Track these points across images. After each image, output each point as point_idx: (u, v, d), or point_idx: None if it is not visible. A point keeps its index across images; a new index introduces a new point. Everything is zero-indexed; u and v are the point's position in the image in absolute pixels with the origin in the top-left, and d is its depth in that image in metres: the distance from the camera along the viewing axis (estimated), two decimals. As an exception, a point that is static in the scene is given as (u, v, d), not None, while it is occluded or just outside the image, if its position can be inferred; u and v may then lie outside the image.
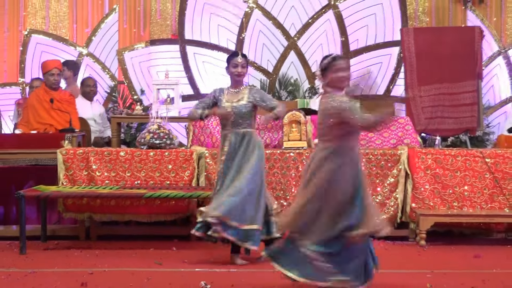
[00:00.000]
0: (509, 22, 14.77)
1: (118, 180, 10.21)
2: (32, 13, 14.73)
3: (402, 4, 14.02)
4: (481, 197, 10.34)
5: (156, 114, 10.95)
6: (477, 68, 12.83)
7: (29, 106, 11.67)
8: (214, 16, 14.05)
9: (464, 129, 12.70)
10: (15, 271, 8.26)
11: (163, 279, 7.85)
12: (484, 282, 7.70)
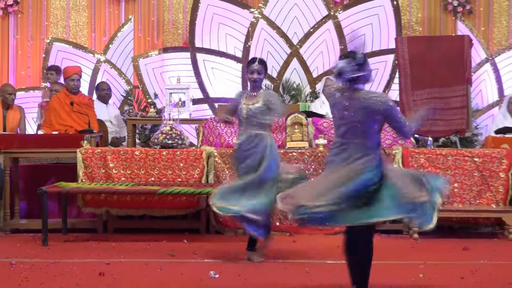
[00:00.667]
0: (495, 32, 14.75)
1: (133, 177, 10.22)
2: (54, 23, 14.74)
3: (396, 14, 14.00)
4: (470, 193, 10.33)
5: (169, 116, 10.94)
6: (466, 74, 12.79)
7: (51, 109, 11.68)
8: (222, 26, 14.04)
9: (454, 131, 12.66)
10: (38, 261, 8.27)
11: (175, 269, 7.85)
12: (472, 273, 7.69)
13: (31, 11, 14.71)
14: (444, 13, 14.73)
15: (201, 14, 13.96)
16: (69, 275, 7.52)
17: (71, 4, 14.74)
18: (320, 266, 8.03)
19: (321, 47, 14.13)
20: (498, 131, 11.92)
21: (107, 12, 14.76)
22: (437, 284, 7.23)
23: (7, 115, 12.16)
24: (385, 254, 8.83)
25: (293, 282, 7.07)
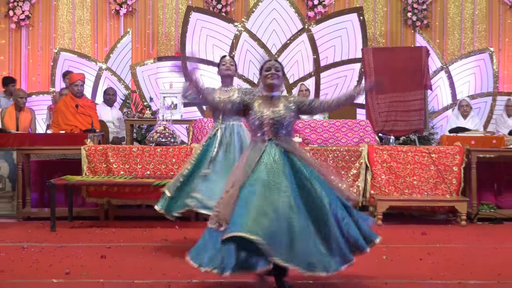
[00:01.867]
0: (449, 43, 14.80)
1: (131, 171, 10.19)
2: (61, 35, 14.70)
3: (362, 28, 14.00)
4: (427, 185, 10.34)
5: (162, 117, 10.94)
6: (424, 80, 12.83)
7: (58, 111, 11.68)
8: (210, 38, 14.01)
9: (414, 130, 12.71)
10: (47, 245, 8.24)
11: (168, 252, 7.83)
12: (429, 254, 7.71)
13: (41, 24, 14.67)
14: (405, 27, 14.77)
15: (191, 28, 13.92)
16: (75, 258, 7.50)
17: (76, 18, 14.70)
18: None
19: (296, 57, 14.13)
20: (452, 130, 11.94)
21: (108, 25, 14.73)
22: (398, 264, 7.23)
23: (20, 116, 12.14)
24: (353, 238, 8.84)
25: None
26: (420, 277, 6.60)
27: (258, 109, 5.92)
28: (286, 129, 5.94)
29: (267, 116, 5.86)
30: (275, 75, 6.12)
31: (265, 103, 5.97)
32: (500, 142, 11.00)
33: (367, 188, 10.31)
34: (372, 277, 6.58)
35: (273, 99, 6.03)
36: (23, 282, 6.30)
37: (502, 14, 14.80)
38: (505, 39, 14.76)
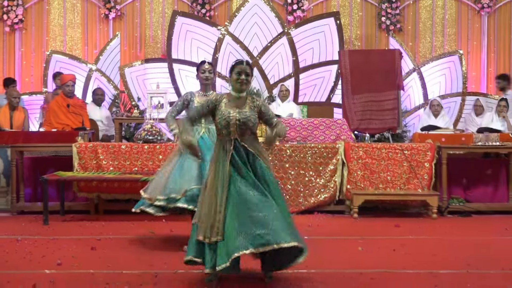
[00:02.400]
0: (421, 46, 14.86)
1: (120, 167, 10.17)
2: (53, 37, 14.65)
3: (339, 32, 14.02)
4: (400, 180, 10.38)
5: (150, 116, 10.91)
6: (397, 81, 12.85)
7: (50, 110, 11.67)
8: (194, 41, 13.98)
9: (387, 128, 12.73)
10: (40, 238, 8.22)
11: (155, 244, 7.84)
12: (402, 245, 7.74)
13: (34, 28, 14.61)
14: (379, 31, 14.81)
15: (176, 31, 13.89)
16: (66, 249, 7.48)
17: (67, 22, 14.66)
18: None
19: (276, 59, 14.13)
20: (423, 128, 11.98)
21: (98, 29, 14.69)
22: (373, 255, 7.26)
23: (13, 115, 12.10)
24: (330, 230, 8.88)
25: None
26: (394, 267, 6.63)
27: (225, 109, 5.87)
28: (251, 129, 5.94)
29: (234, 116, 5.83)
30: (244, 80, 5.95)
31: (232, 104, 5.91)
32: (469, 139, 11.05)
33: (344, 183, 10.34)
34: (348, 268, 6.59)
35: (240, 99, 5.96)
36: (17, 273, 6.28)
37: (470, 19, 14.86)
38: (473, 42, 14.82)
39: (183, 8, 14.58)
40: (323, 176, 10.37)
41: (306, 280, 5.98)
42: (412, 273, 6.37)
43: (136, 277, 6.12)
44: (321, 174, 10.37)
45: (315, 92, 14.15)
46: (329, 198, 10.40)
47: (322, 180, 10.37)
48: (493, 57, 14.82)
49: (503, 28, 14.83)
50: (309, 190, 10.37)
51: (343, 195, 10.40)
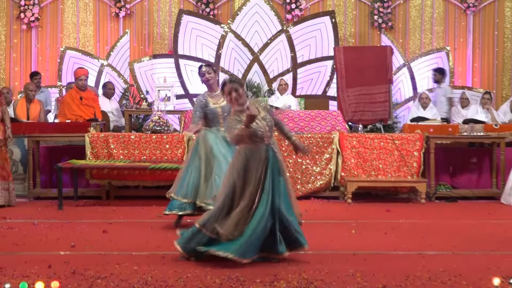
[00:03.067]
0: (411, 43, 14.83)
1: (130, 156, 10.17)
2: (67, 35, 14.63)
3: (334, 29, 13.98)
4: (391, 168, 10.37)
5: (157, 108, 10.91)
6: (388, 76, 12.85)
7: (64, 102, 11.68)
8: (199, 38, 13.96)
9: (379, 119, 12.73)
10: (55, 221, 8.22)
11: (162, 228, 7.84)
12: (393, 229, 7.75)
13: (49, 25, 14.59)
14: (371, 28, 14.77)
15: (182, 29, 13.87)
16: (79, 233, 7.49)
17: (80, 20, 14.63)
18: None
19: (276, 55, 14.10)
20: (413, 119, 11.98)
21: (109, 27, 14.67)
22: (366, 238, 7.26)
23: (30, 107, 12.09)
24: (326, 215, 8.88)
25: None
26: (385, 249, 6.64)
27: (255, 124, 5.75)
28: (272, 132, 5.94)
29: (262, 124, 5.79)
30: (235, 99, 5.89)
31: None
32: (455, 130, 11.06)
33: (338, 171, 10.34)
34: (343, 249, 6.60)
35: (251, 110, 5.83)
36: (34, 254, 6.28)
37: (457, 17, 14.83)
38: (460, 39, 14.80)
39: (189, 7, 14.54)
40: (319, 164, 10.37)
41: (304, 261, 5.98)
42: (402, 254, 6.38)
43: (144, 258, 6.12)
44: (317, 162, 10.37)
45: (311, 86, 14.13)
46: (324, 185, 10.40)
47: (318, 168, 10.37)
48: (478, 53, 14.79)
49: (487, 26, 14.80)
50: (306, 177, 10.37)
51: (337, 182, 10.40)
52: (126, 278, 5.30)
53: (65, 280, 5.16)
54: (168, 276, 5.38)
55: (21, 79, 14.27)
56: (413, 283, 5.18)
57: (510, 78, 14.81)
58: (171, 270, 5.57)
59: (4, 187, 9.62)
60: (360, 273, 5.50)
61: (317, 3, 14.80)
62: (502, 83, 14.79)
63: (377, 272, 5.53)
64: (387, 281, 5.24)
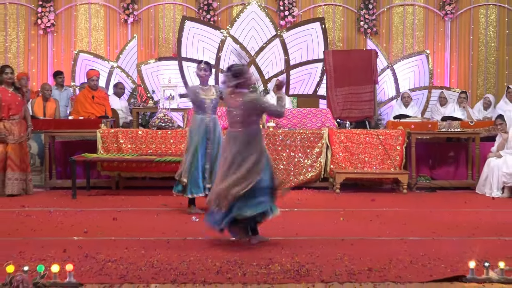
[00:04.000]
0: (394, 47, 14.82)
1: (137, 150, 10.17)
2: (79, 39, 14.58)
3: (324, 34, 13.96)
4: (375, 161, 10.39)
5: (162, 106, 10.91)
6: (373, 77, 12.84)
7: (78, 101, 11.67)
8: (201, 42, 13.92)
9: (365, 117, 12.71)
10: (69, 210, 8.23)
11: (167, 215, 7.86)
12: (377, 216, 7.77)
13: (64, 31, 14.54)
14: (358, 34, 14.75)
15: (185, 34, 13.84)
16: (91, 220, 7.49)
17: (92, 26, 14.59)
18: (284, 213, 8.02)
19: (271, 57, 14.07)
20: (395, 117, 11.98)
21: (118, 32, 14.63)
22: (353, 224, 7.27)
23: (46, 105, 12.05)
24: (316, 204, 8.88)
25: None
26: (370, 235, 6.64)
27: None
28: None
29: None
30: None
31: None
32: (434, 126, 11.08)
33: (328, 163, 10.34)
34: (332, 235, 6.60)
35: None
36: (50, 239, 6.28)
37: (436, 24, 14.81)
38: (438, 43, 14.78)
39: (191, 14, 14.51)
40: (310, 158, 10.37)
41: (297, 246, 5.99)
42: (385, 240, 6.38)
43: (151, 243, 6.12)
44: (308, 156, 10.37)
45: (303, 86, 14.11)
46: (315, 176, 10.41)
47: (309, 161, 10.37)
48: (455, 56, 14.78)
49: (464, 31, 14.79)
50: (298, 169, 10.37)
51: (327, 173, 10.41)
52: (134, 261, 5.31)
53: (78, 263, 5.16)
54: (172, 259, 5.39)
55: (38, 80, 14.22)
56: (396, 266, 5.19)
57: (484, 79, 14.80)
58: (175, 254, 5.57)
59: (23, 178, 9.71)
60: (347, 256, 5.51)
61: (308, 10, 14.77)
62: (477, 83, 14.79)
63: (363, 256, 5.54)
64: (372, 264, 5.24)
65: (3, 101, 9.62)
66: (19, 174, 9.65)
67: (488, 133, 11.14)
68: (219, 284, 4.63)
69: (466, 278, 4.77)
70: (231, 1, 14.75)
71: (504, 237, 6.51)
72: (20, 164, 9.67)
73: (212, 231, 6.14)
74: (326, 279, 4.77)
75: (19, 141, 9.71)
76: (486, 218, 7.75)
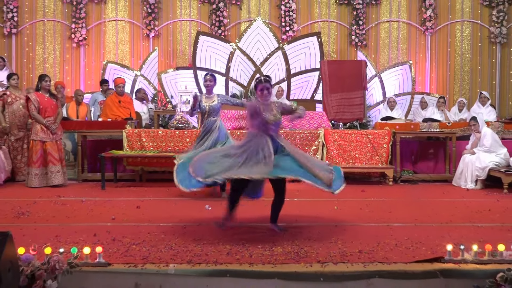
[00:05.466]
0: (381, 58, 14.80)
1: (158, 147, 10.16)
2: (108, 51, 14.59)
3: (320, 47, 13.95)
4: (365, 157, 10.36)
5: (180, 110, 10.89)
6: (363, 84, 12.84)
7: (106, 105, 11.66)
8: (213, 54, 13.93)
9: (356, 118, 12.70)
10: (98, 199, 8.23)
11: (184, 204, 7.84)
12: (367, 205, 7.75)
13: (94, 44, 14.56)
14: (350, 46, 14.72)
15: (200, 46, 13.85)
16: (118, 208, 7.49)
17: (119, 40, 14.60)
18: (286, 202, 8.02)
19: (274, 67, 14.06)
20: (382, 119, 11.95)
21: (141, 45, 14.64)
22: (345, 213, 7.25)
23: (79, 109, 12.09)
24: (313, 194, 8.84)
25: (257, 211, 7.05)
26: (361, 221, 6.63)
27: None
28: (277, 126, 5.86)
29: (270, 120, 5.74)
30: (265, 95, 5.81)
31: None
32: (416, 127, 11.05)
33: (323, 159, 10.32)
34: (327, 222, 6.60)
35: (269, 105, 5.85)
36: (82, 225, 6.29)
37: (418, 38, 14.79)
38: (420, 54, 14.75)
39: (204, 29, 14.51)
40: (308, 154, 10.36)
41: (297, 231, 5.99)
42: (374, 226, 6.37)
43: (169, 228, 6.12)
44: (306, 153, 10.35)
45: (302, 91, 14.10)
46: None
47: (307, 157, 10.35)
48: (435, 65, 14.75)
49: (442, 44, 14.77)
50: (297, 164, 10.35)
51: (323, 168, 10.38)
52: (155, 244, 5.31)
53: (106, 246, 5.16)
54: (188, 242, 5.39)
55: (72, 87, 14.24)
56: (383, 248, 5.18)
57: (460, 85, 14.78)
58: (191, 238, 5.58)
59: (59, 170, 9.73)
60: (341, 240, 5.50)
61: (307, 26, 14.75)
62: (454, 89, 14.78)
63: (354, 239, 5.53)
64: (362, 246, 5.24)
65: (41, 104, 9.69)
66: (60, 167, 9.74)
67: (463, 133, 11.13)
68: (229, 264, 4.63)
69: (444, 259, 4.76)
70: (239, 18, 14.74)
71: (477, 224, 6.50)
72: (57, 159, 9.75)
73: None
74: (322, 259, 4.76)
75: (55, 140, 9.77)
76: (461, 207, 7.73)
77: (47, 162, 9.66)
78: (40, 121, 9.65)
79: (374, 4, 14.79)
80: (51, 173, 9.65)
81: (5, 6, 14.32)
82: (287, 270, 4.52)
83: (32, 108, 9.67)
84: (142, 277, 4.47)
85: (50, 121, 9.73)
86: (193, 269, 4.53)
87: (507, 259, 4.75)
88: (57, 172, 9.70)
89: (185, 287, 4.44)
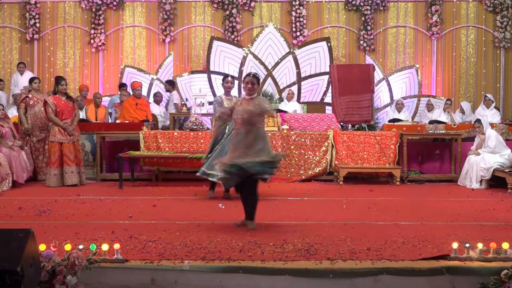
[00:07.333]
0: (388, 62, 14.74)
1: (173, 148, 10.18)
2: (125, 56, 14.64)
3: (329, 51, 13.93)
4: (373, 157, 10.34)
5: (194, 112, 10.92)
6: (371, 87, 12.81)
7: (124, 107, 11.72)
8: (226, 58, 13.94)
9: (364, 120, 12.65)
10: (116, 198, 8.26)
11: (198, 203, 7.86)
12: (375, 204, 7.72)
13: (112, 49, 14.61)
14: (358, 51, 14.68)
15: (213, 51, 13.86)
16: (135, 206, 7.51)
17: (136, 45, 14.64)
18: (285, 201, 8.02)
19: (285, 71, 14.04)
20: (390, 121, 11.94)
21: (158, 50, 14.67)
22: (354, 211, 7.24)
23: (98, 111, 12.15)
24: (323, 193, 8.85)
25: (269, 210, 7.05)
26: (368, 220, 6.61)
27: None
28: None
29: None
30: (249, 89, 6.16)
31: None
32: (423, 128, 11.04)
33: (333, 160, 10.31)
34: (336, 220, 6.58)
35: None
36: (101, 223, 6.31)
37: (424, 42, 14.72)
38: (426, 59, 14.69)
39: (218, 35, 14.52)
40: (318, 155, 10.34)
41: (307, 229, 5.98)
42: (381, 224, 6.35)
43: (184, 226, 6.13)
44: (316, 153, 10.34)
45: (312, 94, 14.08)
46: (322, 171, 10.38)
47: (317, 157, 10.34)
48: (440, 69, 14.69)
49: (448, 49, 14.70)
50: (307, 165, 10.35)
51: (332, 168, 10.37)
52: (170, 241, 5.31)
53: (124, 243, 5.18)
54: (202, 240, 5.39)
55: (91, 90, 14.28)
56: (390, 246, 5.16)
57: (465, 88, 14.70)
58: (205, 236, 5.58)
59: (77, 171, 9.77)
60: (349, 238, 5.49)
61: (317, 31, 14.72)
62: (459, 92, 14.70)
63: (363, 237, 5.51)
64: (370, 244, 5.22)
65: (57, 107, 9.72)
66: (74, 167, 9.73)
67: (468, 134, 11.06)
68: (241, 261, 4.63)
69: (450, 256, 4.74)
70: (251, 23, 14.74)
71: (482, 222, 6.46)
72: (74, 159, 9.75)
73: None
74: (331, 257, 4.75)
75: (72, 141, 9.79)
76: (466, 206, 7.69)
77: (63, 162, 9.70)
78: (57, 123, 9.69)
79: (382, 10, 14.73)
80: (65, 173, 9.67)
81: (28, 13, 14.41)
82: (298, 266, 4.51)
83: (49, 111, 9.70)
84: (158, 273, 4.48)
85: (67, 123, 9.76)
86: (207, 265, 4.53)
87: (511, 256, 4.73)
88: (70, 173, 9.69)
89: (200, 282, 4.45)
